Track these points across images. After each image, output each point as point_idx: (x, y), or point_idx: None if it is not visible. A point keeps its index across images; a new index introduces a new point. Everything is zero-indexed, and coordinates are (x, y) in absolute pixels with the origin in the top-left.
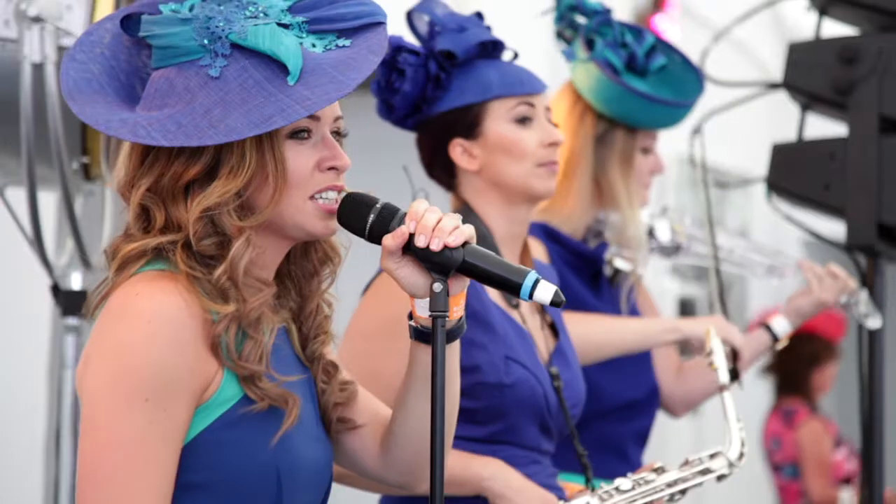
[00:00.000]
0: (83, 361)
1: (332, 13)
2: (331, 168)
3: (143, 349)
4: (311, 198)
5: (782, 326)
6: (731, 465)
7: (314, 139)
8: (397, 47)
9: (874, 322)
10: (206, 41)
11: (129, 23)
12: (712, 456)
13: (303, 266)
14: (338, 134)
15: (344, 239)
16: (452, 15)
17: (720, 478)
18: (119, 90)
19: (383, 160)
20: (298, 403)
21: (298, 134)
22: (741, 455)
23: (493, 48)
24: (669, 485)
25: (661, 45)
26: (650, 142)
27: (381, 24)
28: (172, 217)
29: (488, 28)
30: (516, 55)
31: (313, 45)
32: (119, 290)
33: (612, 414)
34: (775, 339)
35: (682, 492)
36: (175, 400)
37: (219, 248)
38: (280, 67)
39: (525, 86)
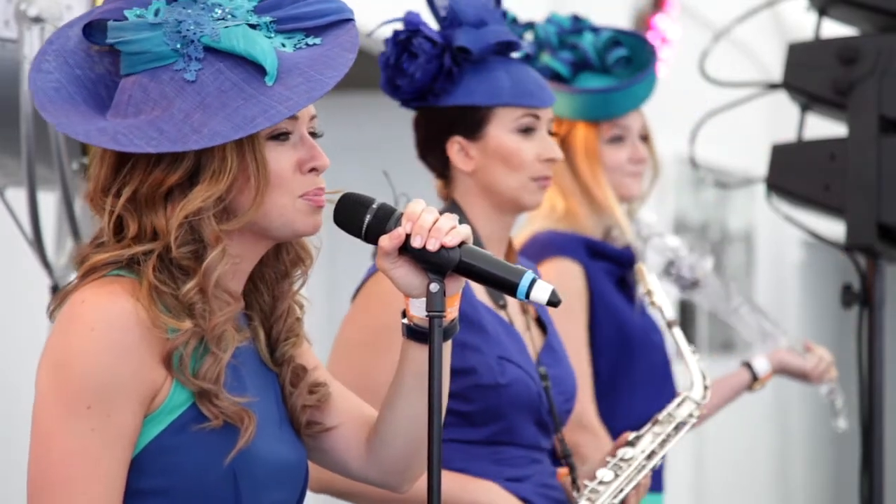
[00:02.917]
0: (37, 369)
1: (297, 12)
2: (312, 170)
3: (85, 357)
4: (301, 197)
5: (763, 367)
6: (698, 405)
7: (293, 139)
8: (415, 29)
9: (841, 423)
10: (178, 45)
11: (91, 30)
12: (679, 405)
13: (275, 267)
14: (313, 134)
15: (315, 240)
16: (475, 6)
17: (695, 418)
18: (87, 99)
19: (363, 160)
20: (255, 421)
21: (279, 136)
22: (706, 388)
23: (507, 47)
24: (649, 456)
25: (620, 35)
26: (618, 131)
27: (349, 20)
28: (148, 225)
29: (505, 15)
30: (528, 56)
31: (283, 45)
32: (72, 297)
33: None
34: (755, 378)
35: (663, 455)
36: (119, 406)
37: (194, 257)
38: (255, 68)
39: (534, 98)
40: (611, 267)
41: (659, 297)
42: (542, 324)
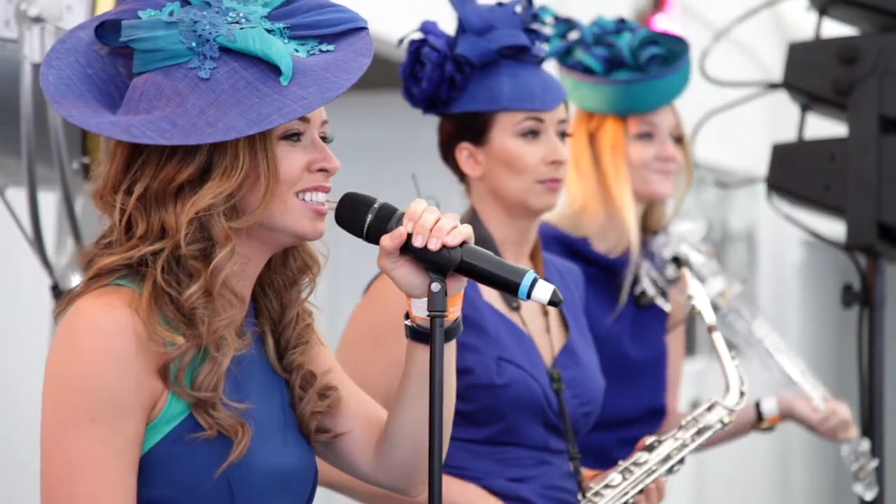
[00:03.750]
0: (43, 383)
1: (311, 20)
2: (321, 170)
3: (85, 370)
4: (298, 196)
5: (770, 408)
6: (731, 411)
7: (304, 141)
8: (424, 39)
9: (869, 493)
10: (193, 44)
11: (103, 31)
12: (710, 408)
13: (283, 274)
14: (324, 139)
15: (322, 247)
16: (483, 11)
17: (724, 424)
18: (98, 97)
19: (385, 159)
20: (249, 433)
21: (291, 136)
22: (742, 394)
23: (519, 51)
24: (663, 461)
25: (658, 36)
26: (646, 127)
27: (362, 29)
28: (157, 222)
29: (533, 16)
30: (543, 59)
31: (296, 51)
32: (73, 306)
33: (605, 427)
34: (760, 417)
35: (681, 460)
36: (123, 416)
37: (203, 255)
38: (270, 69)
39: (535, 101)
40: (590, 270)
41: (700, 301)
42: (566, 324)
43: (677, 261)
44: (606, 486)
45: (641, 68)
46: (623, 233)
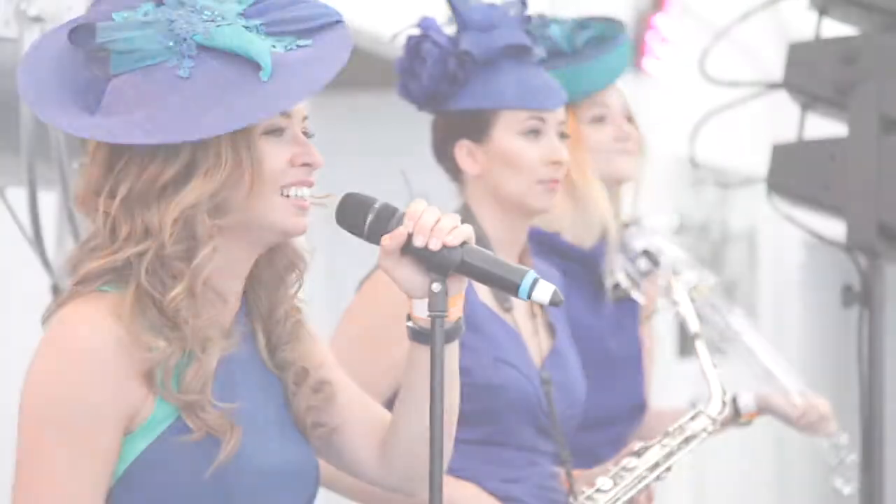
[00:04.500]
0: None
1: (287, 16)
2: (304, 164)
3: (60, 383)
4: (282, 193)
5: (747, 404)
6: (714, 420)
7: (286, 137)
8: (425, 34)
9: (847, 487)
10: (171, 43)
11: (76, 35)
12: (693, 418)
13: (270, 273)
14: (305, 134)
15: (307, 244)
16: (485, 9)
17: (709, 433)
18: (77, 100)
19: (378, 161)
20: (238, 433)
21: (273, 132)
22: (724, 404)
23: (521, 50)
24: (652, 468)
25: (585, 21)
26: (598, 110)
27: (338, 23)
28: (140, 224)
29: (527, 19)
30: (543, 59)
31: (273, 47)
32: (57, 314)
33: (593, 426)
34: (738, 413)
35: (668, 467)
36: (96, 430)
37: (186, 256)
38: (249, 66)
39: (539, 101)
40: (565, 264)
41: (684, 308)
42: (553, 328)
43: (648, 254)
44: (598, 491)
45: (580, 54)
46: (595, 222)
